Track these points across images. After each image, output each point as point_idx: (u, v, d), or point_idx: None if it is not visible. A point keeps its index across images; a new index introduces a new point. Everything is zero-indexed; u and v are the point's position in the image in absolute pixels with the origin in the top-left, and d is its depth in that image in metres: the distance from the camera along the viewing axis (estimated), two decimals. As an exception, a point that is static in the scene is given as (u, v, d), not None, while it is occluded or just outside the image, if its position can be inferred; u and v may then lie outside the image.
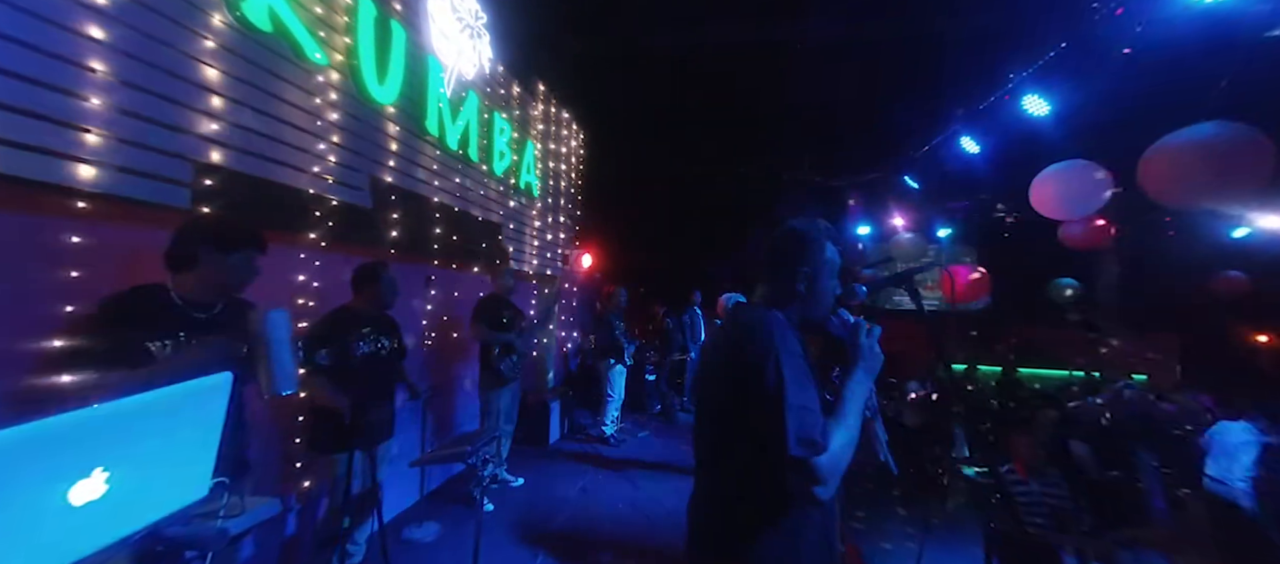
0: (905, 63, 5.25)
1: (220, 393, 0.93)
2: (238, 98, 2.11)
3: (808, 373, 1.11)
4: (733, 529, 1.14)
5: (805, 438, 1.01)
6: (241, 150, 2.13)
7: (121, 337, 1.46)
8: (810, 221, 1.30)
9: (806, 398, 1.06)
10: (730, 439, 1.17)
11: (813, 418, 1.04)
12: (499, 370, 3.70)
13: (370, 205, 2.88)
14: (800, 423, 1.02)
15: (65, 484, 0.73)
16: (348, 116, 2.69)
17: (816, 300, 1.24)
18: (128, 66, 1.73)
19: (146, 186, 1.81)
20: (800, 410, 1.03)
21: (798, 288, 1.22)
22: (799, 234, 1.27)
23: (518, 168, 4.85)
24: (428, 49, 3.36)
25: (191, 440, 0.91)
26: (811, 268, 1.22)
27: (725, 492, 1.19)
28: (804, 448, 1.00)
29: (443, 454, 2.70)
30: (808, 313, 1.25)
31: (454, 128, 3.64)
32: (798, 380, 1.06)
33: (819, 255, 1.24)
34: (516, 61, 4.87)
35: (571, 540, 3.31)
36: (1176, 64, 4.17)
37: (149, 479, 0.86)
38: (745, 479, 1.13)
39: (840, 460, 1.04)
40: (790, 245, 1.26)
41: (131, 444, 0.81)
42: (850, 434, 1.09)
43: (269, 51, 2.24)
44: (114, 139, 1.70)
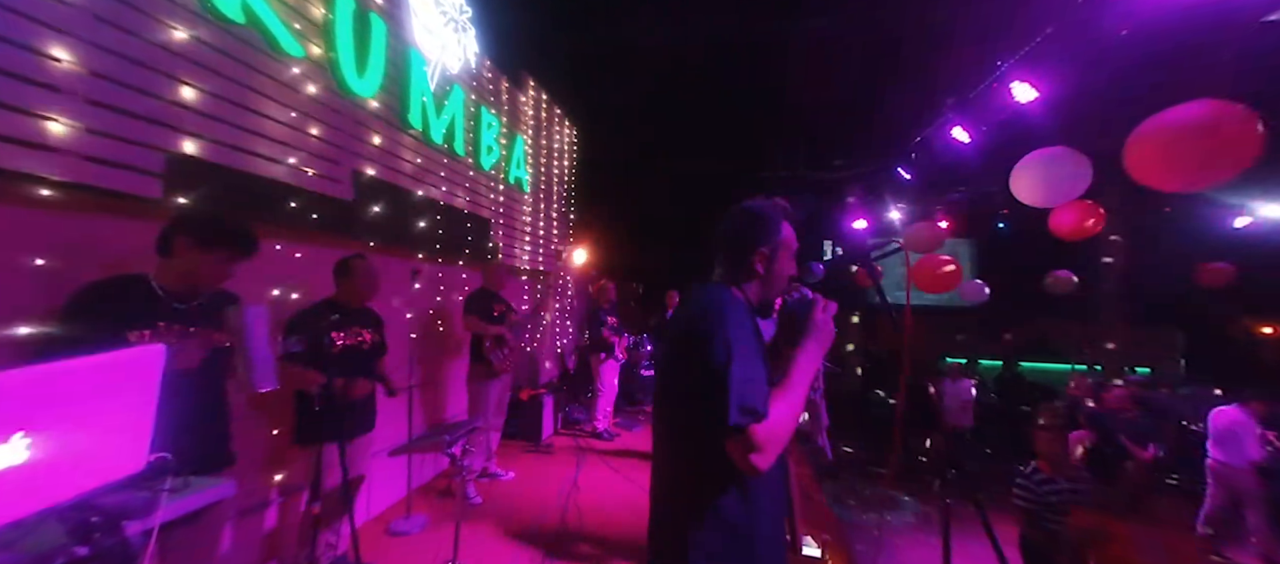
0: (896, 54, 5.22)
1: (153, 365, 0.93)
2: (210, 89, 2.12)
3: (756, 348, 1.11)
4: (683, 507, 1.14)
5: (747, 406, 1.01)
6: (215, 142, 2.14)
7: (99, 325, 1.47)
8: (767, 201, 1.30)
9: (752, 370, 1.06)
10: (682, 417, 1.17)
11: (756, 388, 1.04)
12: (489, 362, 3.71)
13: (352, 198, 2.89)
14: (742, 393, 1.02)
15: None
16: (326, 109, 2.70)
17: (773, 280, 1.25)
18: (94, 56, 1.75)
19: (117, 177, 1.83)
20: (744, 381, 1.03)
21: (755, 267, 1.23)
22: (755, 214, 1.27)
23: (507, 162, 4.86)
24: (410, 43, 3.37)
25: (125, 412, 0.91)
26: (769, 248, 1.23)
27: (677, 470, 1.19)
28: (744, 416, 1.00)
29: (421, 444, 2.71)
30: (764, 292, 1.25)
31: (439, 122, 3.64)
32: (744, 353, 1.06)
33: (775, 235, 1.24)
34: (505, 56, 4.87)
35: (561, 534, 3.31)
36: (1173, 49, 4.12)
37: (78, 449, 0.86)
38: (696, 456, 1.13)
39: (780, 429, 1.04)
40: (747, 225, 1.26)
41: (56, 411, 0.81)
42: (793, 406, 1.08)
43: (242, 43, 2.25)
44: (82, 129, 1.72)
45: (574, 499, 3.84)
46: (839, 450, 4.72)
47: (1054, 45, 3.67)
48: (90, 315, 1.48)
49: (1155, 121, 2.58)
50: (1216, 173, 2.52)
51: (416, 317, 3.66)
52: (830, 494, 4.24)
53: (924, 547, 3.49)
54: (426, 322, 3.82)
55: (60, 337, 1.47)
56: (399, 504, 3.45)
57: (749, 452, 1.01)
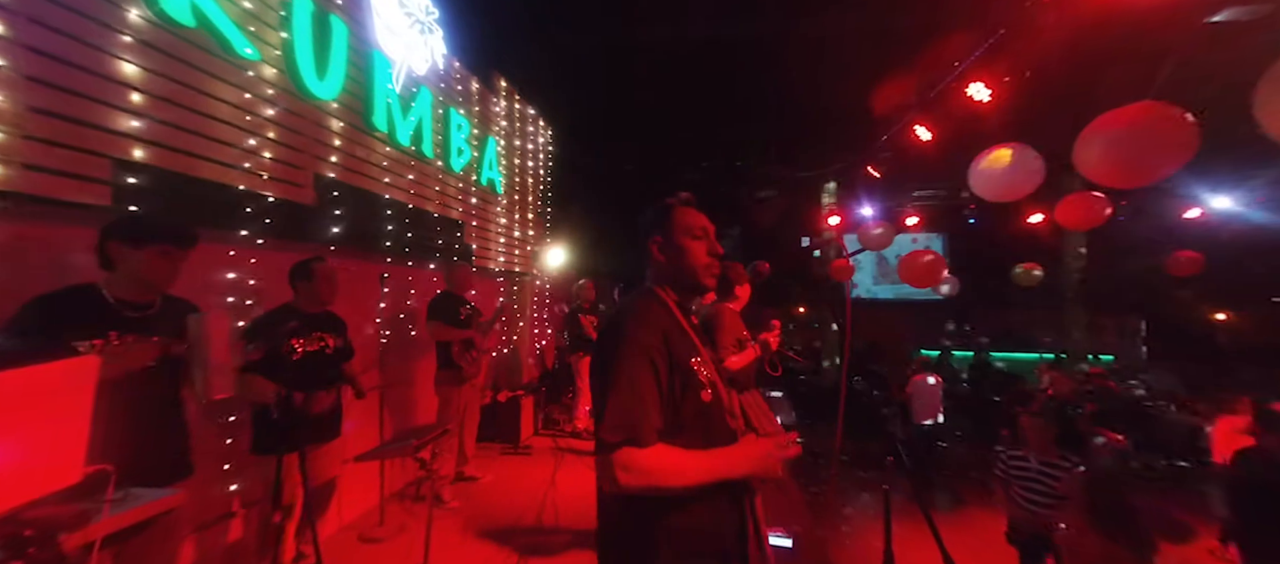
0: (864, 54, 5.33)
1: (87, 376, 0.93)
2: (160, 94, 2.07)
3: (654, 362, 1.06)
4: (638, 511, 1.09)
5: (620, 424, 0.99)
6: (167, 147, 2.09)
7: (47, 337, 1.45)
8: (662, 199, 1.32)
9: (638, 387, 1.03)
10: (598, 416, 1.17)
11: (635, 409, 1.01)
12: (458, 367, 3.68)
13: (313, 202, 2.85)
14: (620, 407, 1.01)
15: (-104, 465, 0.72)
16: (285, 112, 2.66)
17: (678, 263, 1.24)
18: (32, 61, 1.70)
19: (63, 185, 1.78)
20: (625, 394, 1.01)
21: (655, 256, 1.25)
22: (646, 211, 1.30)
23: (479, 164, 4.83)
24: (372, 44, 3.33)
25: (57, 424, 0.91)
26: (662, 233, 1.25)
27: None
28: (614, 432, 0.99)
29: (389, 450, 2.70)
30: (679, 279, 1.25)
31: (405, 124, 3.61)
32: (635, 361, 1.04)
33: (665, 220, 1.26)
34: (475, 57, 4.84)
35: (537, 534, 3.32)
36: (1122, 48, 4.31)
37: (7, 462, 0.85)
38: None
39: (654, 472, 0.99)
40: (642, 225, 1.30)
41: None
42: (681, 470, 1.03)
43: (194, 46, 2.20)
44: (20, 136, 1.67)
45: (551, 499, 3.85)
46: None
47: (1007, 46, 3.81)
48: (39, 328, 1.45)
49: (1098, 123, 2.70)
50: (1157, 170, 2.66)
51: (386, 321, 3.63)
52: (802, 484, 4.33)
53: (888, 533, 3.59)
54: (397, 326, 3.79)
55: (8, 351, 1.44)
56: (371, 511, 3.42)
57: (611, 469, 0.99)
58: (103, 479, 1.05)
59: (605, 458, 1.00)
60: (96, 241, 1.59)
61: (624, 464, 0.98)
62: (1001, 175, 3.30)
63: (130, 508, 1.09)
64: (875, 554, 3.15)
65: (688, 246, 1.23)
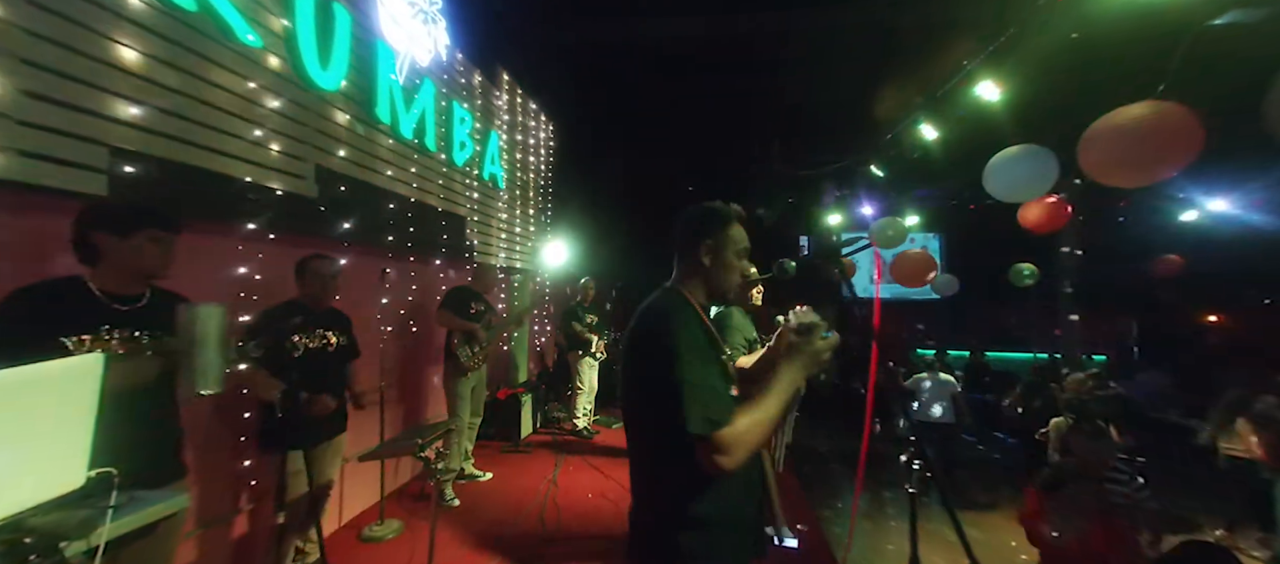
0: (871, 51, 5.31)
1: (92, 374, 0.88)
2: (160, 80, 2.00)
3: (706, 350, 1.12)
4: (659, 509, 1.14)
5: (705, 414, 1.02)
6: (166, 135, 2.02)
7: (30, 332, 1.38)
8: (716, 202, 1.32)
9: (704, 374, 1.07)
10: (647, 422, 1.17)
11: (711, 394, 1.05)
12: (456, 358, 3.66)
13: (316, 194, 2.78)
14: (699, 399, 1.03)
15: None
16: (287, 102, 2.59)
17: (720, 275, 1.25)
18: (28, 45, 1.63)
19: (59, 173, 1.71)
20: (697, 387, 1.04)
21: (700, 260, 1.23)
22: (702, 210, 1.28)
23: (481, 158, 4.76)
24: (376, 34, 3.26)
25: (59, 426, 0.85)
26: (714, 240, 1.23)
27: (649, 473, 1.18)
28: (703, 423, 1.01)
29: (392, 448, 2.65)
30: (712, 288, 1.26)
31: (408, 116, 3.54)
32: (694, 358, 1.07)
33: (720, 230, 1.25)
34: (478, 50, 4.77)
35: (541, 533, 3.29)
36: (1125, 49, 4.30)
37: (7, 467, 0.80)
38: (665, 459, 1.13)
39: (747, 437, 1.04)
40: (693, 221, 1.27)
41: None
42: (765, 418, 1.08)
43: (195, 31, 2.13)
44: (14, 122, 1.60)
45: (553, 498, 3.81)
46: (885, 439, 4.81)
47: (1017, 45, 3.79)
48: (19, 322, 1.38)
49: (1104, 122, 2.69)
50: (1162, 169, 2.65)
51: (388, 317, 3.57)
52: (806, 483, 4.31)
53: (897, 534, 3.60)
54: (399, 322, 3.73)
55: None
56: (372, 510, 3.37)
57: (713, 455, 1.01)
58: (106, 482, 1.00)
59: (703, 449, 1.01)
60: (76, 233, 1.50)
61: (719, 448, 1.01)
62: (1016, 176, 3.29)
63: (134, 512, 1.04)
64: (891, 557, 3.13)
65: (733, 264, 1.25)
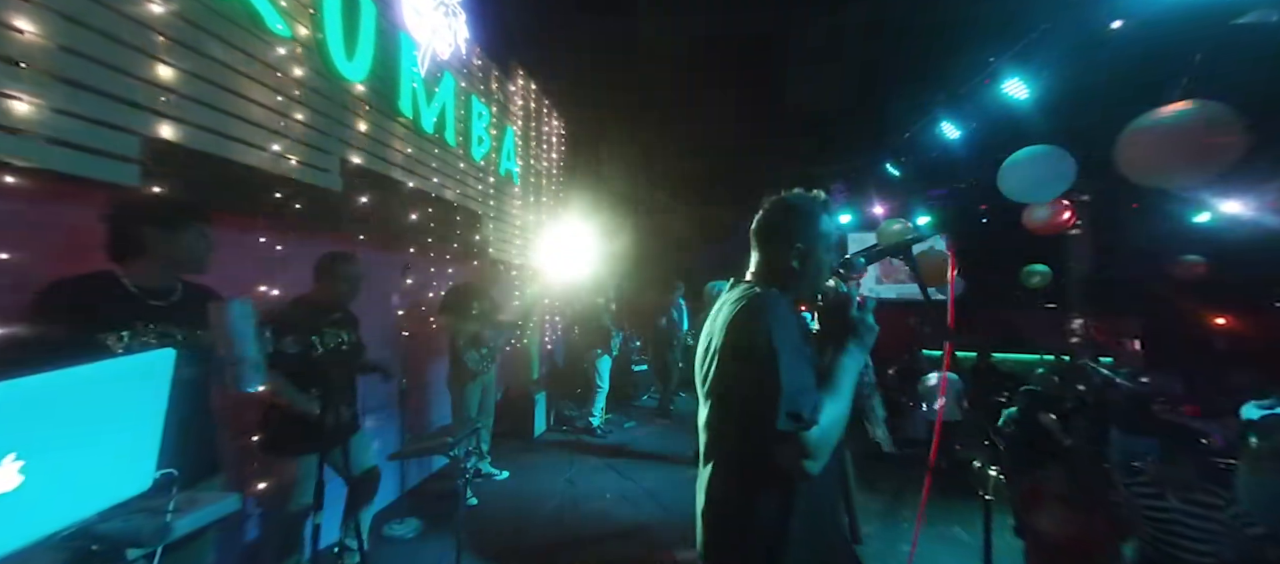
0: (889, 49, 5.26)
1: (161, 372, 0.83)
2: (191, 69, 1.95)
3: (801, 348, 1.08)
4: (732, 511, 1.11)
5: (794, 412, 0.98)
6: (197, 126, 1.97)
7: (71, 330, 1.34)
8: (804, 194, 1.26)
9: (799, 373, 1.03)
10: (728, 420, 1.13)
11: (804, 393, 1.01)
12: (463, 363, 3.56)
13: (340, 188, 2.73)
14: (791, 398, 0.99)
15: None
16: (313, 94, 2.54)
17: (810, 275, 1.20)
18: (63, 29, 1.58)
19: (90, 162, 1.66)
20: (792, 385, 1.00)
21: (790, 263, 1.18)
22: (792, 206, 1.23)
23: (497, 154, 4.71)
24: (399, 25, 3.21)
25: (129, 426, 0.81)
26: (805, 242, 1.18)
27: (729, 472, 1.14)
28: (791, 422, 0.97)
29: (422, 447, 2.60)
30: (801, 289, 1.21)
31: (429, 110, 3.49)
32: (790, 355, 1.03)
33: (812, 228, 1.19)
34: (495, 44, 4.71)
35: (557, 533, 3.25)
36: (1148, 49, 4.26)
37: (77, 469, 0.75)
38: (742, 459, 1.10)
39: (830, 435, 1.02)
40: (783, 218, 1.22)
41: (53, 429, 0.71)
42: (841, 408, 1.06)
43: (225, 20, 2.08)
44: (48, 108, 1.55)
45: (570, 497, 3.77)
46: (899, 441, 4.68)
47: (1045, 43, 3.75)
48: (59, 320, 1.34)
49: (1149, 119, 2.65)
50: (1206, 168, 2.61)
51: (408, 314, 3.52)
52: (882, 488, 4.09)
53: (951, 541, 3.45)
54: (418, 318, 3.68)
55: (24, 342, 1.32)
56: (392, 508, 3.33)
57: (800, 457, 0.98)
58: (166, 482, 0.96)
59: (788, 447, 0.99)
60: (118, 225, 1.47)
61: (806, 450, 0.98)
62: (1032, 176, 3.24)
63: (192, 514, 0.99)
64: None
65: (825, 264, 1.20)
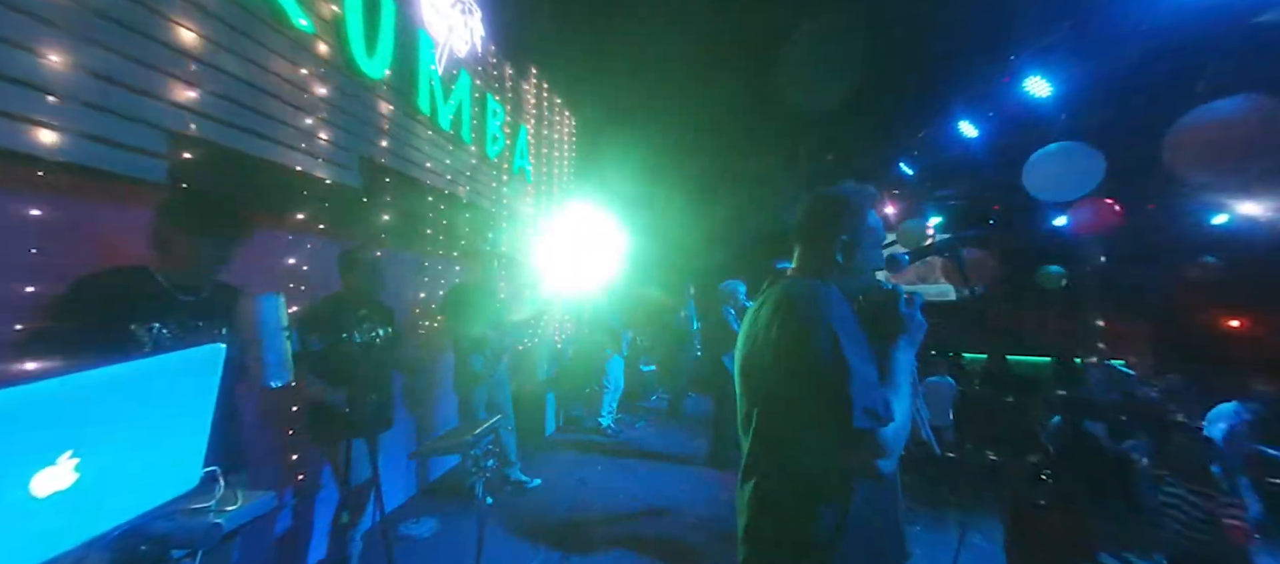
0: (903, 46, 5.20)
1: (212, 366, 0.81)
2: (216, 64, 1.94)
3: (864, 343, 1.04)
4: (792, 512, 1.06)
5: (869, 409, 0.95)
6: (222, 122, 1.97)
7: (102, 320, 1.34)
8: (851, 186, 1.23)
9: (866, 368, 0.99)
10: (786, 423, 1.08)
11: (874, 388, 0.98)
12: (469, 365, 3.41)
13: (360, 185, 2.72)
14: (863, 394, 0.95)
15: (25, 472, 0.61)
16: (335, 90, 2.53)
17: (854, 270, 1.16)
18: (92, 24, 1.57)
19: (117, 157, 1.65)
20: (862, 381, 0.96)
21: (835, 256, 1.14)
22: (837, 199, 1.19)
23: (511, 152, 4.70)
24: (418, 22, 3.20)
25: (179, 422, 0.79)
26: (851, 235, 1.14)
27: (781, 482, 1.10)
28: (868, 418, 0.94)
29: (443, 445, 2.58)
30: (845, 283, 1.16)
31: (446, 107, 3.48)
32: (856, 351, 0.99)
33: (859, 222, 1.16)
34: (509, 42, 4.70)
35: (571, 532, 3.22)
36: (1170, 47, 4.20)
37: (129, 467, 0.74)
38: (803, 458, 1.05)
39: (903, 431, 0.99)
40: (828, 211, 1.18)
41: (106, 425, 0.69)
42: (908, 405, 1.03)
43: (250, 15, 2.07)
44: (78, 103, 1.54)
45: (583, 497, 3.75)
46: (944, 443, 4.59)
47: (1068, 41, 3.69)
48: (91, 310, 1.34)
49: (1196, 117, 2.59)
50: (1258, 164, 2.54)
51: (424, 312, 3.51)
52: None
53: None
54: (432, 317, 3.67)
55: (58, 335, 1.32)
56: (407, 506, 3.32)
57: (875, 456, 0.95)
58: (210, 480, 0.94)
59: (866, 445, 0.95)
60: (154, 222, 1.46)
61: (880, 447, 0.96)
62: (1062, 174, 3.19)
63: (236, 510, 0.97)
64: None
65: (872, 257, 1.17)
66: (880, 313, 1.15)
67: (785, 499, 1.07)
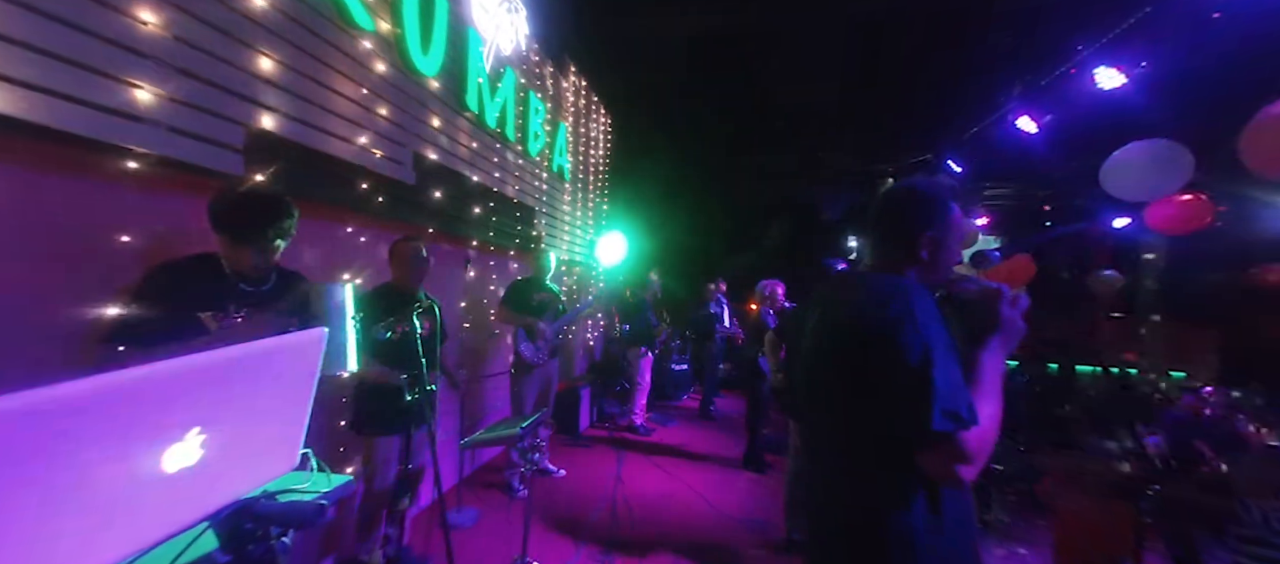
0: (955, 37, 5.00)
1: (315, 349, 0.82)
2: (286, 62, 2.01)
3: (953, 345, 0.98)
4: (865, 521, 1.01)
5: (950, 410, 0.89)
6: (290, 118, 2.03)
7: (173, 305, 1.40)
8: (934, 179, 1.17)
9: (952, 368, 0.93)
10: (859, 419, 1.04)
11: (958, 390, 0.92)
12: (518, 355, 3.58)
13: (413, 181, 2.78)
14: (945, 395, 0.89)
15: (161, 446, 0.62)
16: (392, 87, 2.59)
17: (939, 268, 1.10)
18: (180, 20, 1.64)
19: (200, 151, 1.72)
20: (946, 381, 0.90)
21: (920, 254, 1.09)
22: (922, 191, 1.13)
23: (550, 150, 4.73)
24: (468, 21, 3.25)
25: (285, 403, 0.80)
26: (937, 231, 1.08)
27: (855, 480, 1.05)
28: (949, 421, 0.88)
29: (491, 437, 2.61)
30: (927, 282, 1.10)
31: (493, 105, 3.53)
32: (941, 349, 0.93)
33: (945, 216, 1.10)
34: (549, 39, 4.74)
35: (612, 531, 3.22)
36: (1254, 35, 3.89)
37: (243, 446, 0.75)
38: (884, 465, 1.00)
39: (989, 437, 0.92)
40: (912, 206, 1.13)
41: (226, 405, 0.71)
42: (996, 410, 0.96)
43: (315, 13, 2.14)
44: (167, 99, 1.61)
45: (621, 495, 3.75)
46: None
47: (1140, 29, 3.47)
48: (164, 295, 1.40)
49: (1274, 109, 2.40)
50: None
51: (470, 307, 3.57)
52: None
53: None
54: (479, 310, 3.73)
55: (133, 319, 1.38)
56: (447, 496, 3.38)
57: (955, 461, 0.89)
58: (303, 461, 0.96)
59: (945, 450, 0.90)
60: (209, 217, 1.50)
61: (965, 449, 0.90)
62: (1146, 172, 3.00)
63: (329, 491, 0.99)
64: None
65: (955, 255, 1.11)
66: (974, 311, 1.09)
67: (855, 509, 1.02)
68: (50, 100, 1.35)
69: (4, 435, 0.45)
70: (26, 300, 1.37)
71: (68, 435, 0.50)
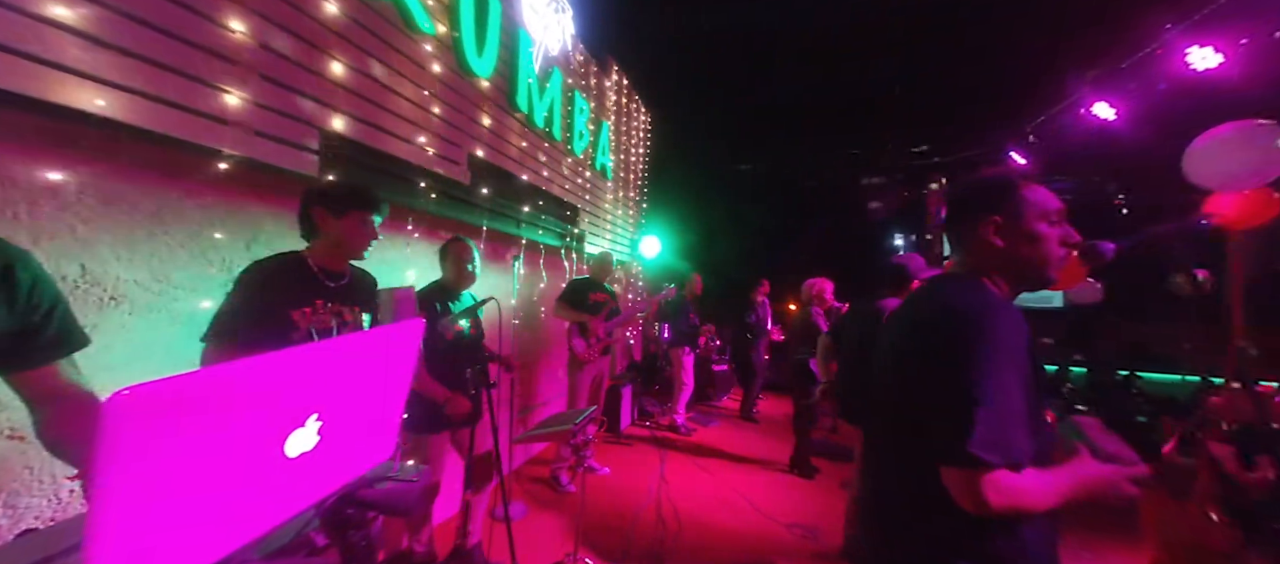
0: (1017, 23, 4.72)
1: (414, 338, 0.84)
2: (356, 66, 2.09)
3: (1023, 368, 0.89)
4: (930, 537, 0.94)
5: (997, 440, 0.81)
6: (359, 120, 2.11)
7: (262, 301, 1.45)
8: (998, 168, 1.09)
9: (1012, 398, 0.85)
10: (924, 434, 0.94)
11: (1014, 425, 0.84)
12: (572, 350, 3.64)
13: (467, 181, 2.84)
14: (993, 422, 0.82)
15: (286, 430, 0.64)
16: (448, 89, 2.66)
17: (1023, 251, 0.98)
18: (263, 28, 1.72)
19: (281, 153, 1.81)
20: (1000, 408, 0.83)
21: (993, 243, 0.99)
22: (982, 179, 1.05)
23: (594, 149, 4.76)
24: (519, 22, 3.30)
25: (386, 391, 0.82)
26: (1006, 215, 0.98)
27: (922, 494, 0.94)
28: (990, 450, 0.81)
29: (544, 432, 2.63)
30: (1021, 271, 1.00)
31: (541, 104, 3.57)
32: (1005, 374, 0.85)
33: (1012, 197, 0.99)
34: (593, 39, 4.76)
35: (660, 532, 3.19)
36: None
37: (350, 433, 0.77)
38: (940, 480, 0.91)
39: (1025, 498, 0.84)
40: (973, 194, 1.04)
41: (338, 393, 0.72)
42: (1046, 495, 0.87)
43: (381, 18, 2.21)
44: (253, 103, 1.70)
45: (667, 495, 3.72)
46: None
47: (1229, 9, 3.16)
48: (256, 293, 1.45)
49: None
50: None
51: (518, 303, 3.63)
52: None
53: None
54: (528, 309, 3.79)
55: (228, 314, 1.43)
56: (494, 490, 3.43)
57: (979, 490, 0.81)
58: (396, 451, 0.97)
59: (974, 476, 0.83)
60: (300, 208, 1.57)
61: (998, 486, 0.82)
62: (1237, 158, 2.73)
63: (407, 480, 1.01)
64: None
65: (1042, 233, 0.98)
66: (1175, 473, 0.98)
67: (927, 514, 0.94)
68: (155, 107, 1.44)
69: (165, 413, 0.47)
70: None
71: (219, 412, 0.51)
